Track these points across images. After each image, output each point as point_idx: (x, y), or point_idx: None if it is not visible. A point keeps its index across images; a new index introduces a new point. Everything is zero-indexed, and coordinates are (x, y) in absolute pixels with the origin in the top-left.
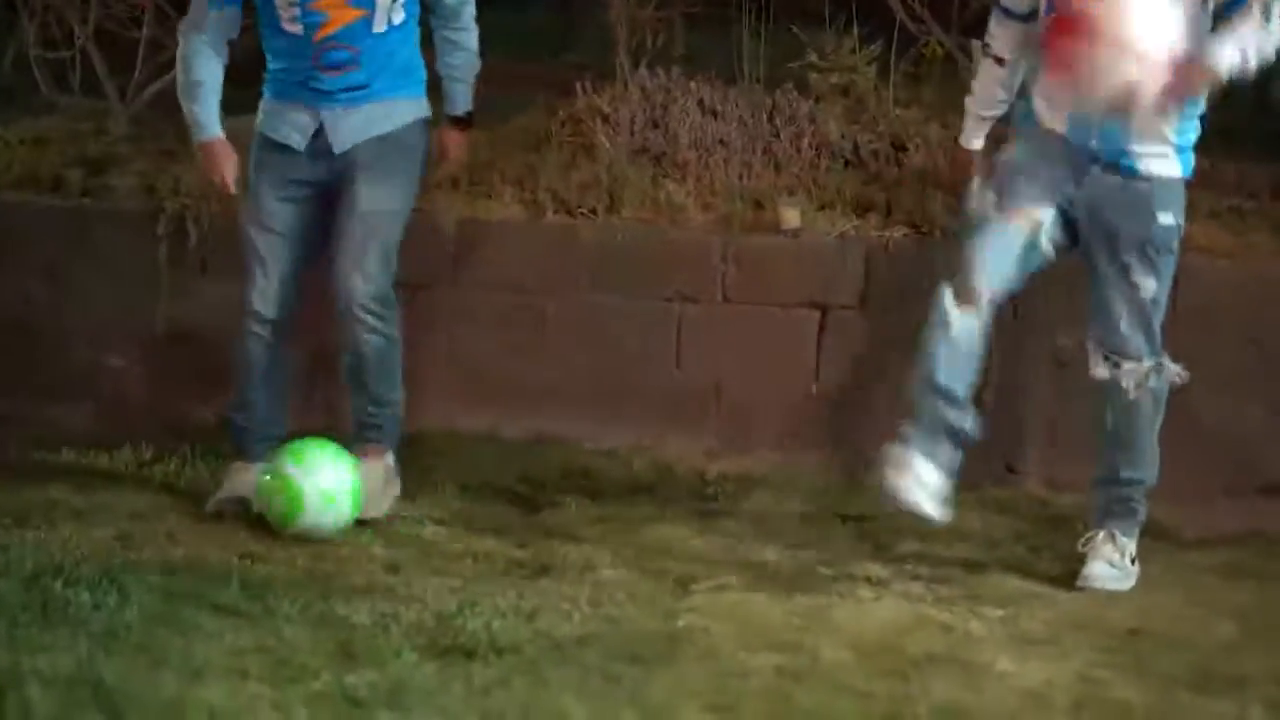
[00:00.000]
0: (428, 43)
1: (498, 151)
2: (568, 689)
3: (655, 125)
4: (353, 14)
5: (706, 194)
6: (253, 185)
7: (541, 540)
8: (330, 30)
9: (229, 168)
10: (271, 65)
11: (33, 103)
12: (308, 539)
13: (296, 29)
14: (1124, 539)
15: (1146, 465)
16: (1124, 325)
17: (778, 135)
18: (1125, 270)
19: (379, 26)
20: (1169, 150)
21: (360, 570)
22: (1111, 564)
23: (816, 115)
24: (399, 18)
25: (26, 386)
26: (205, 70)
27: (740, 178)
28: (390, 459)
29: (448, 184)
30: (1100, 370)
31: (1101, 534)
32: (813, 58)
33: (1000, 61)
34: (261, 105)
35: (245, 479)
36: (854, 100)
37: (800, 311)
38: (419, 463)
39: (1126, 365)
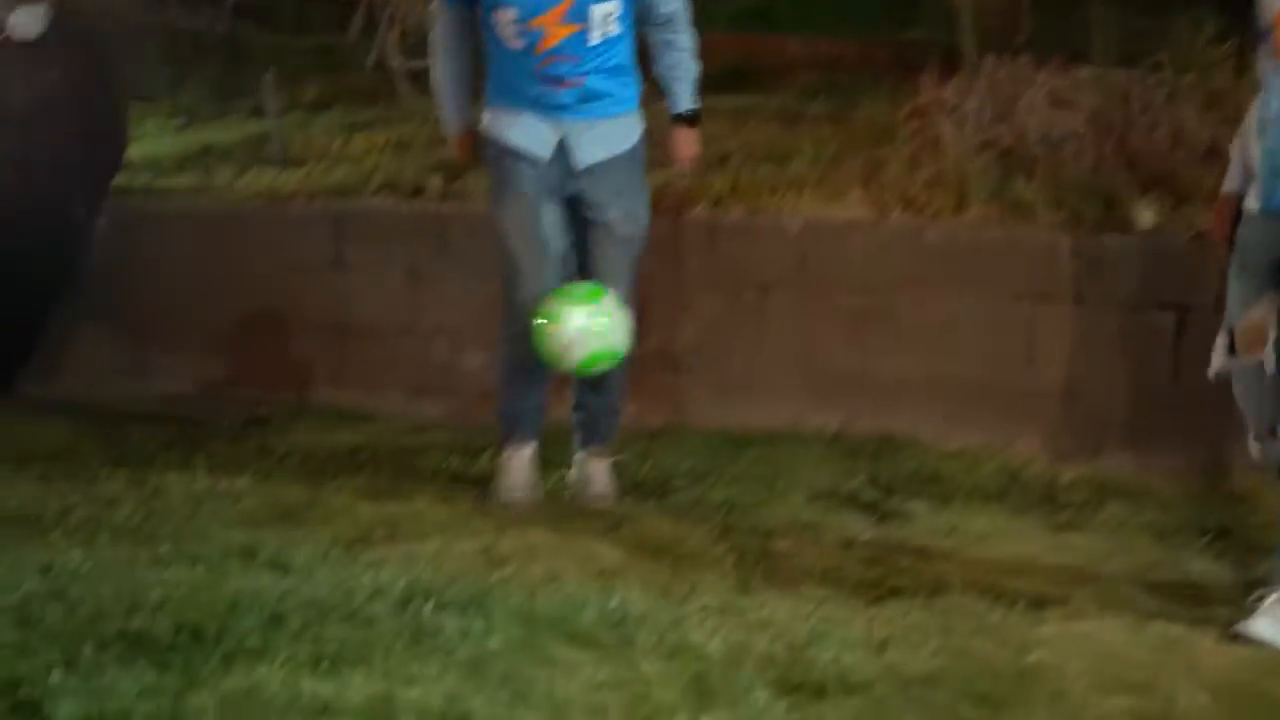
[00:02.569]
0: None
1: (844, 147)
2: None
3: (1002, 119)
4: (568, 29)
5: (1056, 191)
6: (505, 196)
7: (891, 556)
8: (550, 44)
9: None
10: (497, 76)
11: (392, 104)
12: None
13: (518, 44)
14: None
15: None
16: None
17: (1131, 126)
18: None
19: (594, 39)
20: None
21: (713, 589)
22: None
23: (1172, 103)
24: (614, 30)
25: (388, 384)
26: (446, 68)
27: (1092, 173)
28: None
29: (795, 185)
30: None
31: None
32: (1165, 56)
33: None
34: (491, 113)
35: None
36: (1210, 90)
37: (1155, 313)
38: (765, 465)
39: None
